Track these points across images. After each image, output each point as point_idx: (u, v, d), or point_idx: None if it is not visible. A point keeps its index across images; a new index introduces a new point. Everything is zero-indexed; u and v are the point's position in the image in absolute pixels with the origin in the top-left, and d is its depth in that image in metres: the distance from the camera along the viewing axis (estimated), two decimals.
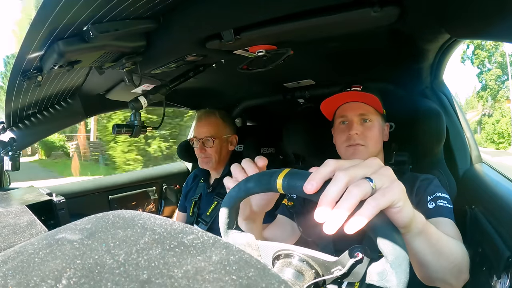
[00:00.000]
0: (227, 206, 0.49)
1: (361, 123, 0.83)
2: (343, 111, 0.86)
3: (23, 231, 0.58)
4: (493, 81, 15.81)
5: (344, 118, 0.85)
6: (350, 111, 0.84)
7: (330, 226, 0.33)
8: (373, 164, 0.38)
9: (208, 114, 1.22)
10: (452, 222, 0.69)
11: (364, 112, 0.83)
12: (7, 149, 1.00)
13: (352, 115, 0.84)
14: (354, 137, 0.82)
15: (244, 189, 0.46)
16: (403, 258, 0.35)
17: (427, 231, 0.43)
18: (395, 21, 0.62)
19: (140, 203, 1.58)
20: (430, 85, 1.06)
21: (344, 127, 0.85)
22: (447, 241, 0.50)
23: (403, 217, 0.37)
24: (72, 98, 1.13)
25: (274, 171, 0.42)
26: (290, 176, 0.40)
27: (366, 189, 0.34)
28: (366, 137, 0.82)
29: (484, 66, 15.90)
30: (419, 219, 0.42)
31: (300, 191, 0.38)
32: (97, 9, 0.52)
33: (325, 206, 0.33)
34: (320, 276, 0.41)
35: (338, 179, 0.34)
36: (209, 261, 0.21)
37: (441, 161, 1.02)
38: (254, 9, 0.61)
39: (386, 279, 0.38)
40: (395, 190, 0.36)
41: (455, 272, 0.50)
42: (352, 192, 0.33)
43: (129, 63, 0.77)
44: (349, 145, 0.83)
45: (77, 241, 0.23)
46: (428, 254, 0.45)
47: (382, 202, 0.34)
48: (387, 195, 0.35)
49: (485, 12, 0.54)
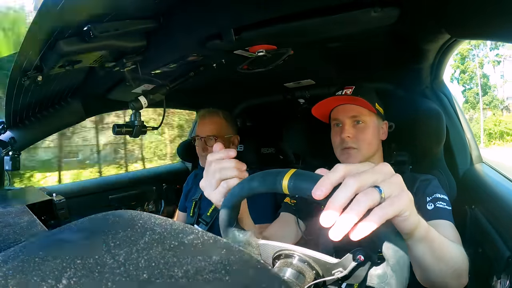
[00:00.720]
0: (228, 203, 0.49)
1: (353, 125, 0.83)
2: (336, 113, 0.86)
3: (23, 231, 0.58)
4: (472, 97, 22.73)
5: (337, 120, 0.86)
6: (342, 113, 0.84)
7: (337, 232, 0.33)
8: (383, 171, 0.37)
9: (212, 113, 1.22)
10: (451, 224, 0.69)
11: (356, 114, 0.83)
12: (7, 149, 1.00)
13: (344, 118, 0.84)
14: (346, 140, 0.82)
15: (247, 187, 0.45)
16: (404, 263, 0.35)
17: (429, 237, 0.43)
18: (395, 22, 0.62)
19: (140, 203, 1.58)
20: (430, 85, 1.06)
21: (338, 129, 0.86)
22: (448, 246, 0.50)
23: (408, 225, 0.38)
24: (72, 98, 1.13)
25: (280, 171, 0.41)
26: (297, 177, 0.39)
27: (375, 198, 0.34)
28: (359, 140, 0.82)
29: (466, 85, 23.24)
30: (423, 225, 0.42)
31: (306, 194, 0.37)
32: (97, 9, 0.52)
33: (332, 211, 0.33)
34: (321, 277, 0.41)
35: (347, 186, 0.34)
36: (209, 261, 0.21)
37: (441, 161, 1.02)
38: (254, 9, 0.61)
39: (386, 282, 0.38)
40: (403, 200, 0.35)
41: (455, 276, 0.51)
42: (360, 200, 0.33)
43: (129, 63, 0.78)
44: (342, 149, 0.84)
45: (77, 241, 0.23)
46: (429, 259, 0.46)
47: (390, 212, 0.34)
48: (394, 205, 0.35)
49: (485, 12, 0.54)
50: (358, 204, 0.33)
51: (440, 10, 0.61)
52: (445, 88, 1.08)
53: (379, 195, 0.34)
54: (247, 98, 1.51)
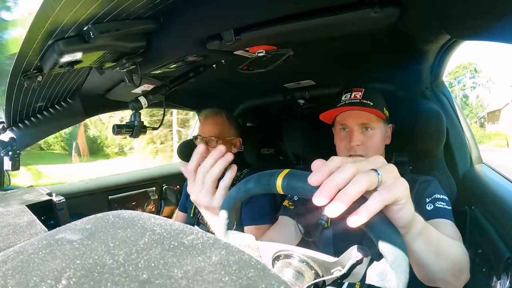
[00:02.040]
0: (226, 207, 0.49)
1: (362, 131, 0.81)
2: (344, 118, 0.84)
3: (23, 231, 0.58)
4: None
5: (345, 125, 0.83)
6: (351, 119, 0.82)
7: (334, 209, 0.31)
8: (378, 161, 0.38)
9: (215, 114, 1.22)
10: (451, 223, 0.69)
11: (365, 121, 0.81)
12: (7, 149, 1.00)
13: (353, 124, 0.82)
14: (355, 148, 0.80)
15: (243, 189, 0.45)
16: (403, 258, 0.35)
17: (426, 232, 0.43)
18: (395, 22, 0.62)
19: (140, 203, 1.58)
20: (430, 86, 1.06)
21: (344, 134, 0.84)
22: (446, 241, 0.50)
23: (404, 215, 0.37)
24: (72, 98, 1.13)
25: (274, 171, 0.42)
26: (290, 176, 0.40)
27: (373, 178, 0.34)
28: (367, 147, 0.80)
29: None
30: (419, 220, 0.42)
31: (300, 192, 0.38)
32: (97, 9, 0.52)
33: (327, 190, 0.33)
34: (320, 276, 0.41)
35: (345, 168, 0.34)
36: (209, 262, 0.21)
37: (441, 162, 1.02)
38: (254, 10, 0.61)
39: (386, 279, 0.38)
40: (400, 186, 0.36)
41: (455, 272, 0.50)
42: (360, 178, 0.33)
43: (129, 63, 0.77)
44: (349, 155, 0.82)
45: (77, 241, 0.23)
46: (428, 255, 0.45)
47: (387, 197, 0.34)
48: (392, 190, 0.35)
49: (485, 13, 0.54)
50: (357, 182, 0.33)
51: (440, 11, 0.61)
52: (445, 88, 1.08)
53: (377, 177, 0.34)
54: (247, 98, 1.51)
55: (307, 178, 0.36)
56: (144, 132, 0.97)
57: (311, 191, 0.36)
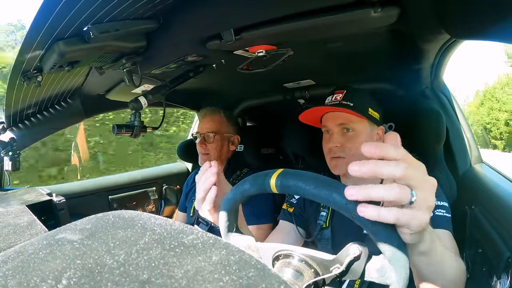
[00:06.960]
0: (225, 209, 0.49)
1: (342, 133, 0.80)
2: (325, 120, 0.83)
3: (23, 231, 0.58)
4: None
5: (327, 127, 0.83)
6: (331, 121, 0.81)
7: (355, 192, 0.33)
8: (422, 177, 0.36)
9: (213, 111, 1.24)
10: (449, 233, 0.68)
11: (344, 122, 0.79)
12: (7, 149, 1.00)
13: (333, 125, 0.81)
14: (334, 149, 0.80)
15: (240, 191, 0.46)
16: (401, 254, 0.35)
17: (431, 252, 0.42)
18: (395, 22, 0.62)
19: (140, 203, 1.58)
20: (430, 85, 1.06)
21: (327, 137, 0.83)
22: (448, 258, 0.48)
23: (411, 239, 0.37)
24: (72, 98, 1.13)
25: (268, 171, 0.43)
26: (283, 176, 0.41)
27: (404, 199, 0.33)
28: (347, 149, 0.79)
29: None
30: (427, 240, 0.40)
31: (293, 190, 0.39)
32: (97, 9, 0.52)
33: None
34: (320, 275, 0.41)
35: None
36: (209, 261, 0.21)
37: (441, 162, 1.02)
38: (254, 9, 0.61)
39: (385, 275, 0.38)
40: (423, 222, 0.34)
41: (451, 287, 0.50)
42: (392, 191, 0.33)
43: (129, 63, 0.77)
44: (331, 158, 0.81)
45: (77, 241, 0.23)
46: (428, 272, 0.45)
47: (404, 221, 0.34)
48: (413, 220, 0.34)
49: (485, 12, 0.54)
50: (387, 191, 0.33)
51: (440, 10, 0.61)
52: (445, 88, 1.08)
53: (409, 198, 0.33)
54: (247, 98, 1.51)
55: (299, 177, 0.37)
56: (144, 132, 0.98)
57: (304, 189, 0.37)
